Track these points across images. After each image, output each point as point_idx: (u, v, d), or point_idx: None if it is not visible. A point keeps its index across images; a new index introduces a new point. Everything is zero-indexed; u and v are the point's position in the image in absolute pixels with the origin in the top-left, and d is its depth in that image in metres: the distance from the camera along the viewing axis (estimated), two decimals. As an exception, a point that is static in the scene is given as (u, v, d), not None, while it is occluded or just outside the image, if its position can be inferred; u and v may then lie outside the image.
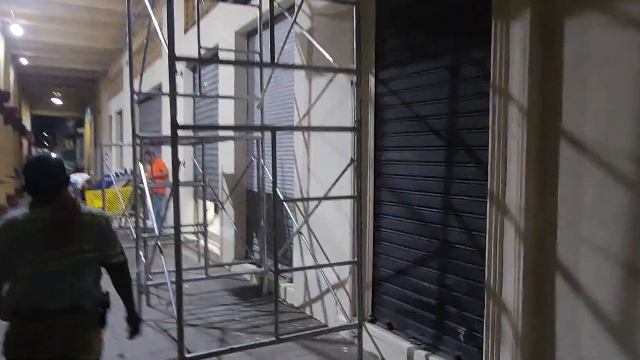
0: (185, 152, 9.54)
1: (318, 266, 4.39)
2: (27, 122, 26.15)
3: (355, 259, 4.11)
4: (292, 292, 5.55)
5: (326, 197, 4.35)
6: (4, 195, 13.64)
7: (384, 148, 4.17)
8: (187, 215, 9.58)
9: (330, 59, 4.24)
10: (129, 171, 11.32)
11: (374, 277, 4.31)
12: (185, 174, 9.59)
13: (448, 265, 3.55)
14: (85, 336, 2.25)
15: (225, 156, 7.38)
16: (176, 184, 3.39)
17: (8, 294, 2.15)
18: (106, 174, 9.87)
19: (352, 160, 4.11)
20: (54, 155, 2.49)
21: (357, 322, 4.08)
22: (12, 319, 2.15)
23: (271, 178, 5.63)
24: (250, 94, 6.93)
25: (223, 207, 6.82)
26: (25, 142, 23.99)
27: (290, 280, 5.80)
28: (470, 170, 3.36)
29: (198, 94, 6.69)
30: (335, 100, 4.67)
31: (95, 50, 17.03)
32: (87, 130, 28.99)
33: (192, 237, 9.05)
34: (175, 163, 3.37)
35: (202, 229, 6.47)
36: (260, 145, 5.89)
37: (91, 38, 15.49)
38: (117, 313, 2.52)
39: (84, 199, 17.77)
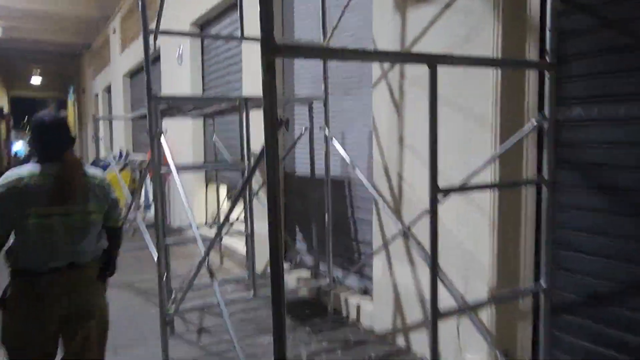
0: (194, 129, 7.93)
1: (491, 300, 2.85)
2: (4, 104, 24.07)
3: (543, 284, 2.57)
4: (370, 312, 4.04)
5: (506, 184, 2.82)
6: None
7: (566, 101, 2.63)
8: (199, 206, 7.99)
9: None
10: (123, 153, 9.67)
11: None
12: (194, 154, 7.98)
13: None
14: (86, 292, 2.27)
15: (253, 129, 5.79)
16: (274, 155, 1.75)
17: (13, 248, 2.17)
18: (101, 158, 8.22)
19: (536, 122, 2.54)
20: (60, 114, 2.53)
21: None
22: (14, 274, 2.18)
23: (345, 157, 4.09)
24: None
25: (254, 195, 5.26)
26: (2, 126, 21.98)
27: (365, 293, 4.29)
28: None
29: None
30: (453, 37, 3.11)
31: (78, 18, 15.10)
32: (71, 112, 26.95)
33: (200, 232, 7.49)
34: (271, 123, 1.75)
35: (246, 228, 4.87)
36: (324, 110, 4.28)
37: (74, 2, 13.63)
38: None
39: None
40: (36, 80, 25.69)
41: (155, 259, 4.47)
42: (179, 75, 8.30)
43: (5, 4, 13.42)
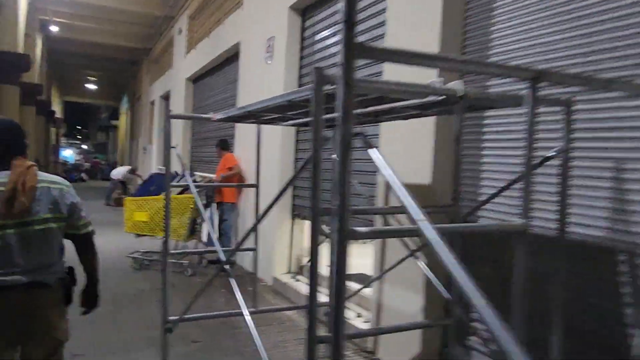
0: (283, 139, 6.01)
1: None
2: (57, 109, 23.26)
3: None
4: None
5: None
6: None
7: None
8: (281, 248, 6.02)
9: None
10: (187, 171, 7.86)
11: None
12: (281, 175, 6.03)
13: None
14: (48, 314, 2.17)
15: (408, 147, 3.77)
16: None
17: None
18: (157, 173, 6.43)
19: None
20: (8, 118, 2.42)
21: None
22: None
23: None
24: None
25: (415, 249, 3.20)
26: (53, 131, 21.05)
27: None
28: None
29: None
30: None
31: (141, 16, 13.78)
32: (123, 121, 26.00)
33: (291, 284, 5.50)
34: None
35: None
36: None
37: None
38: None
39: (125, 193, 14.66)
40: (91, 86, 24.91)
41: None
42: (267, 79, 6.45)
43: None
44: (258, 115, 3.33)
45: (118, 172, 14.54)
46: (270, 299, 5.32)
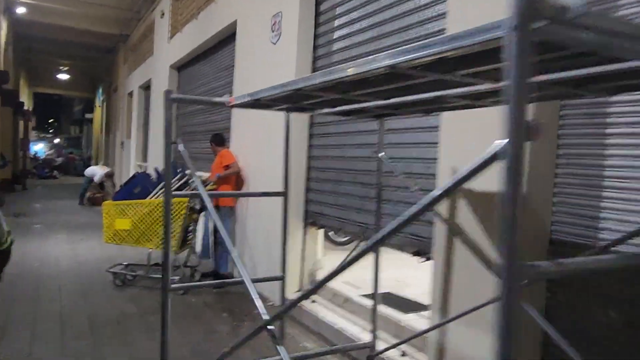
0: (293, 135, 5.07)
1: None
2: (25, 101, 21.75)
3: None
4: None
5: None
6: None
7: None
8: (293, 260, 5.09)
9: None
10: (180, 168, 6.84)
11: None
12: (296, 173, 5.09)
13: None
14: None
15: (475, 138, 2.91)
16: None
17: None
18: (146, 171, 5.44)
19: None
20: None
21: None
22: None
23: None
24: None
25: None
26: (21, 124, 19.62)
27: None
28: None
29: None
30: None
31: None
32: (98, 115, 24.59)
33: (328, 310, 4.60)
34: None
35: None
36: None
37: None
38: None
39: (102, 191, 13.50)
40: (63, 76, 23.44)
41: None
42: (273, 62, 5.51)
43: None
44: (298, 99, 2.42)
45: (93, 172, 13.42)
46: (285, 326, 4.42)
